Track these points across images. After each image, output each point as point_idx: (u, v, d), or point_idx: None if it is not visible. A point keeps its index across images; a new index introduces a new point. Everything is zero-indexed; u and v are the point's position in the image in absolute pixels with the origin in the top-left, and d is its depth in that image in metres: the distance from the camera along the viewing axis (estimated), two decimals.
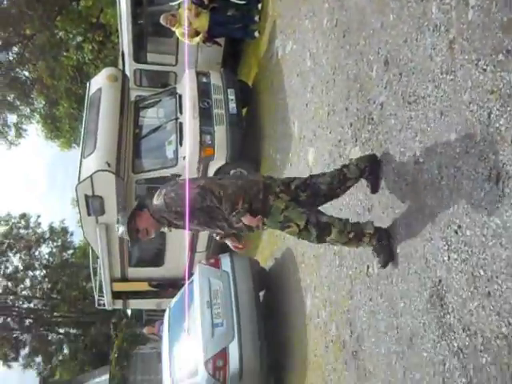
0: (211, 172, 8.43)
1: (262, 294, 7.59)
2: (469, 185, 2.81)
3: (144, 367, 15.43)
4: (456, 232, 2.91)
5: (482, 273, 2.66)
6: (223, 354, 6.14)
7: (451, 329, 2.92)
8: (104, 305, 11.69)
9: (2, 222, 27.06)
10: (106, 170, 8.03)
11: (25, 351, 25.91)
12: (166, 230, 3.92)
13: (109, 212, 8.79)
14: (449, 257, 2.97)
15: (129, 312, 15.27)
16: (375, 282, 3.96)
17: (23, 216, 27.31)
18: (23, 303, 27.22)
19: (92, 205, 8.60)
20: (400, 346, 3.52)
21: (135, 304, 12.02)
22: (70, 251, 27.91)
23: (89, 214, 8.85)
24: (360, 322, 4.22)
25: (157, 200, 3.59)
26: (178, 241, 9.67)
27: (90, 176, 8.09)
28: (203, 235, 9.49)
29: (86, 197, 8.48)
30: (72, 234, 27.71)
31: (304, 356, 5.72)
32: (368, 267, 4.11)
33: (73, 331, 26.65)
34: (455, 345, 2.87)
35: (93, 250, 10.71)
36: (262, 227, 3.71)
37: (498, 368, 2.52)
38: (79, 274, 25.61)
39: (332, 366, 4.84)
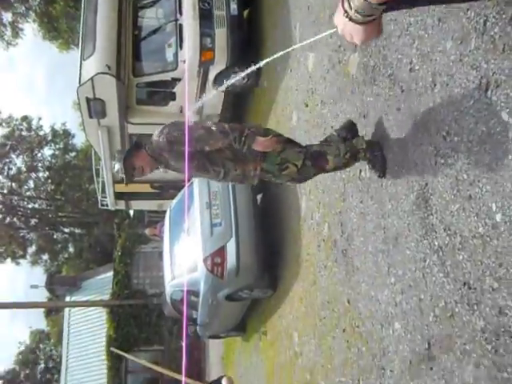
0: (211, 77, 8.40)
1: (259, 197, 7.85)
2: (460, 93, 2.89)
3: (146, 265, 16.13)
4: (444, 138, 3.03)
5: (466, 177, 2.81)
6: (221, 251, 6.48)
7: (433, 229, 3.12)
8: (107, 205, 12.05)
9: (4, 124, 27.10)
10: (107, 73, 8.02)
11: (32, 249, 26.94)
12: (161, 169, 3.91)
13: (110, 115, 8.87)
14: (436, 162, 3.11)
15: (131, 213, 15.71)
16: (366, 186, 4.14)
17: (25, 118, 27.28)
18: (28, 204, 27.90)
19: (93, 107, 8.66)
20: (386, 244, 3.76)
21: (137, 205, 12.40)
22: (73, 154, 28.18)
23: (90, 117, 8.93)
24: (350, 223, 4.45)
25: (158, 137, 3.54)
26: None
27: (91, 79, 8.07)
28: None
29: (88, 99, 8.51)
30: (74, 137, 27.89)
31: (297, 254, 6.04)
32: (360, 171, 4.27)
33: (77, 231, 27.51)
34: (436, 243, 3.09)
35: (95, 152, 10.88)
36: (257, 175, 3.78)
37: (473, 264, 2.73)
38: (82, 175, 26.03)
39: (323, 264, 5.15)
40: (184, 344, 4.70)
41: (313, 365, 5.36)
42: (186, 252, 7.25)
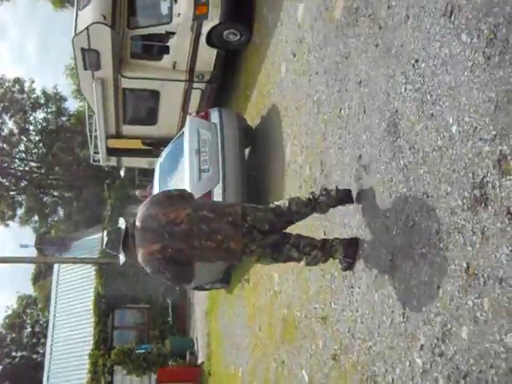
0: (205, 32, 8.57)
1: (247, 150, 8.12)
2: (429, 21, 3.16)
3: None
4: (413, 66, 3.30)
5: (429, 97, 3.10)
6: (208, 195, 6.76)
7: (400, 150, 3.41)
8: (99, 161, 12.25)
9: None
10: (102, 23, 8.16)
11: (21, 211, 27.10)
12: None
13: (104, 67, 9.03)
14: (405, 88, 3.39)
15: (122, 174, 15.93)
16: (345, 122, 4.42)
17: (17, 81, 27.20)
18: (19, 166, 27.97)
19: (88, 58, 8.81)
20: (359, 173, 4.05)
21: (129, 162, 12.60)
22: (65, 118, 28.20)
23: (85, 68, 9.08)
24: (330, 160, 4.74)
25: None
26: (171, 101, 10.01)
27: (86, 28, 8.22)
28: (195, 96, 9.83)
29: (83, 50, 8.66)
30: (66, 100, 27.87)
31: (280, 198, 6.32)
32: (340, 110, 4.54)
33: (67, 194, 27.68)
34: (402, 163, 3.38)
35: (89, 107, 11.04)
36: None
37: (431, 175, 3.03)
38: (74, 139, 26.11)
39: None
40: None
41: (290, 299, 5.68)
42: None
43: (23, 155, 28.05)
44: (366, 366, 3.74)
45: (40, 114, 27.81)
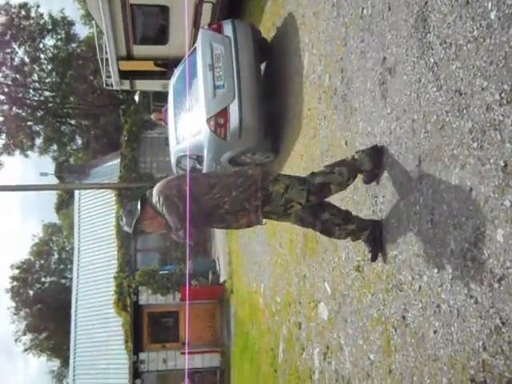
0: None
1: (263, 66, 7.79)
2: None
3: (152, 150, 16.36)
4: None
5: None
6: (224, 112, 6.55)
7: (430, 46, 3.14)
8: (112, 85, 11.98)
9: (2, 12, 26.29)
10: None
11: (40, 140, 27.15)
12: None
13: None
14: None
15: (136, 99, 15.67)
16: (368, 23, 4.11)
17: (23, 6, 26.39)
18: (33, 96, 27.72)
19: None
20: (384, 77, 3.80)
21: (142, 85, 12.33)
22: (75, 44, 27.55)
23: None
24: (351, 67, 4.47)
25: (157, 193, 3.53)
26: (181, 17, 9.57)
27: None
28: (206, 10, 9.39)
29: None
30: (74, 24, 27.11)
31: (298, 113, 6.11)
32: (363, 9, 4.22)
33: (84, 122, 27.55)
34: (431, 60, 3.12)
35: (98, 27, 10.65)
36: (260, 221, 3.59)
37: (465, 70, 2.78)
38: (86, 67, 25.63)
39: (323, 115, 5.23)
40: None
41: None
42: (190, 116, 7.33)
43: (37, 85, 27.71)
44: (391, 276, 3.66)
45: (49, 41, 27.19)
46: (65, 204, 30.30)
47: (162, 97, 14.41)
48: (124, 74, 11.36)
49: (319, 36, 5.37)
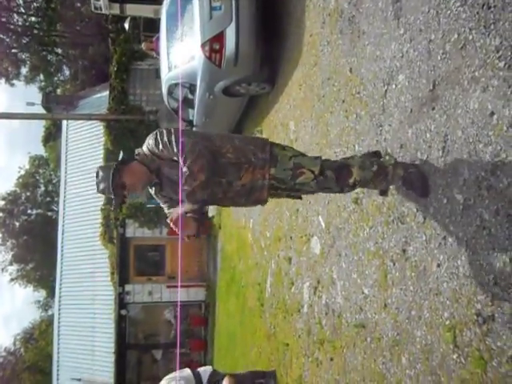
0: None
1: None
2: None
3: (142, 82, 15.80)
4: None
5: None
6: (220, 37, 6.18)
7: None
8: (100, 8, 11.42)
9: None
10: None
11: (26, 69, 26.24)
12: (152, 190, 3.22)
13: None
14: None
15: (126, 26, 14.98)
16: None
17: None
18: (18, 21, 26.56)
19: None
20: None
21: (132, 10, 11.77)
22: None
23: None
24: None
25: (153, 139, 2.98)
26: None
27: None
28: None
29: None
30: None
31: (299, 40, 5.77)
32: None
33: (71, 52, 26.56)
34: None
35: None
36: (265, 186, 3.06)
37: None
38: None
39: (327, 40, 4.92)
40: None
41: (307, 147, 5.35)
42: (183, 42, 6.94)
43: (22, 9, 26.49)
44: (392, 208, 3.49)
45: None
46: (52, 137, 29.70)
47: (152, 26, 13.74)
48: None
49: None
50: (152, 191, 3.24)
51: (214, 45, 6.21)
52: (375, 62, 3.83)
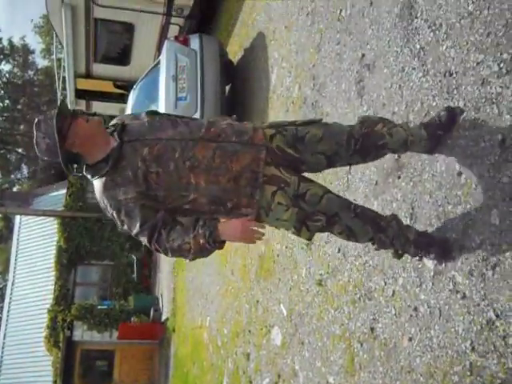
0: None
1: (227, 87, 7.58)
2: None
3: None
4: None
5: None
6: None
7: (416, 32, 2.96)
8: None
9: None
10: None
11: None
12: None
13: None
14: None
15: None
16: (346, 23, 3.94)
17: None
18: None
19: None
20: (360, 75, 3.60)
21: (99, 107, 11.88)
22: (32, 72, 26.95)
23: None
24: (324, 71, 4.27)
25: None
26: (146, 37, 9.39)
27: None
28: (173, 33, 9.21)
29: None
30: (33, 53, 26.59)
31: None
32: (341, 11, 4.06)
33: (32, 151, 26.52)
34: (418, 46, 2.93)
35: (57, 36, 10.24)
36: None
37: (457, 49, 2.59)
38: (41, 96, 24.97)
39: None
40: None
41: (269, 233, 5.21)
42: None
43: None
44: (359, 285, 3.33)
45: (5, 66, 26.48)
46: (4, 239, 28.77)
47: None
48: (81, 94, 10.94)
49: (290, 48, 5.20)
50: None
51: None
52: None
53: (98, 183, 2.28)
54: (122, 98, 10.99)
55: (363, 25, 3.66)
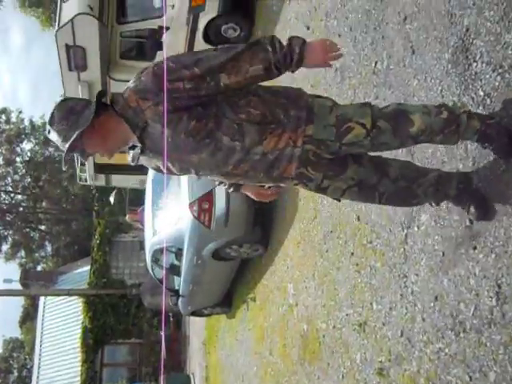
0: (201, 26, 7.85)
1: None
2: None
3: (126, 255, 15.37)
4: None
5: None
6: (209, 195, 5.88)
7: (477, 78, 2.55)
8: (85, 180, 11.36)
9: None
10: (88, 14, 7.40)
11: (7, 246, 25.88)
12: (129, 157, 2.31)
13: (91, 67, 8.29)
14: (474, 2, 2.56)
15: (111, 200, 15.00)
16: (383, 75, 3.57)
17: (3, 111, 26.41)
18: (4, 199, 26.87)
19: (73, 57, 8.04)
20: None
21: (118, 180, 11.72)
22: (52, 148, 27.29)
23: (70, 69, 8.32)
24: None
25: (138, 78, 2.03)
26: None
27: (71, 20, 7.48)
28: None
29: (67, 47, 7.91)
30: None
31: (293, 197, 5.44)
32: (376, 63, 3.71)
33: (55, 228, 26.55)
34: (481, 93, 2.52)
35: None
36: (296, 155, 2.15)
37: None
38: (62, 171, 25.15)
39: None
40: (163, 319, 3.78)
41: (311, 311, 4.72)
42: (170, 204, 6.61)
43: (9, 188, 26.98)
44: (433, 378, 2.77)
45: (27, 145, 26.95)
46: (29, 317, 28.44)
47: (138, 199, 13.73)
48: (99, 168, 10.76)
49: None
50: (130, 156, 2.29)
51: (202, 204, 5.87)
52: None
53: None
54: (141, 170, 10.76)
55: (405, 76, 3.28)
